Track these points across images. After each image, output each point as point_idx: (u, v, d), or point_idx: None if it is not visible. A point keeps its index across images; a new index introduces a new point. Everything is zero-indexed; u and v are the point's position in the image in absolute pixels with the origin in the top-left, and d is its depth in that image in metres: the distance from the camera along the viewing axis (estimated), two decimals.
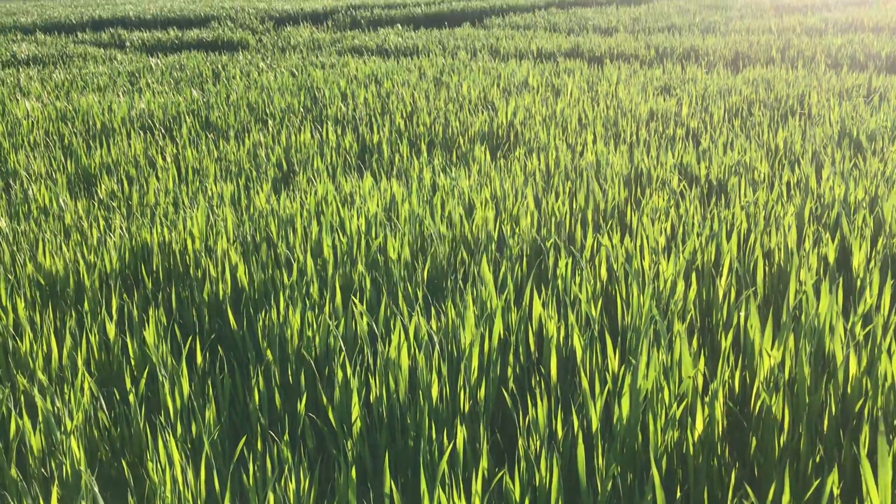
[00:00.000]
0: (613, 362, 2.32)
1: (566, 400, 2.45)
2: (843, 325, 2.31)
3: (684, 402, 2.09)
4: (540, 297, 2.85)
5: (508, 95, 6.90)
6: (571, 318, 2.49)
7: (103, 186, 4.58)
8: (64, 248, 3.39)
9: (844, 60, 8.50)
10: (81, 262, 3.23)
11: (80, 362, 2.50)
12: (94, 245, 3.52)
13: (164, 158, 5.23)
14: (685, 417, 2.10)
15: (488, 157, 4.98)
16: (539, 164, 4.60)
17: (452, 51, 10.61)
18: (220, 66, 9.72)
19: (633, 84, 7.25)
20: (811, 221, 3.46)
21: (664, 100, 6.46)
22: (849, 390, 2.16)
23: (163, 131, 6.09)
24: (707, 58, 9.12)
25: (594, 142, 5.26)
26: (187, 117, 6.38)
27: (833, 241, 3.13)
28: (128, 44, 13.46)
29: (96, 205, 4.31)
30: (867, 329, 2.39)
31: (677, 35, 11.08)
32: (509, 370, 2.48)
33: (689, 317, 2.62)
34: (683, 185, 4.08)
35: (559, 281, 2.86)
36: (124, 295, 3.10)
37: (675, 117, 5.84)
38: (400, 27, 14.20)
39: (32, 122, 6.27)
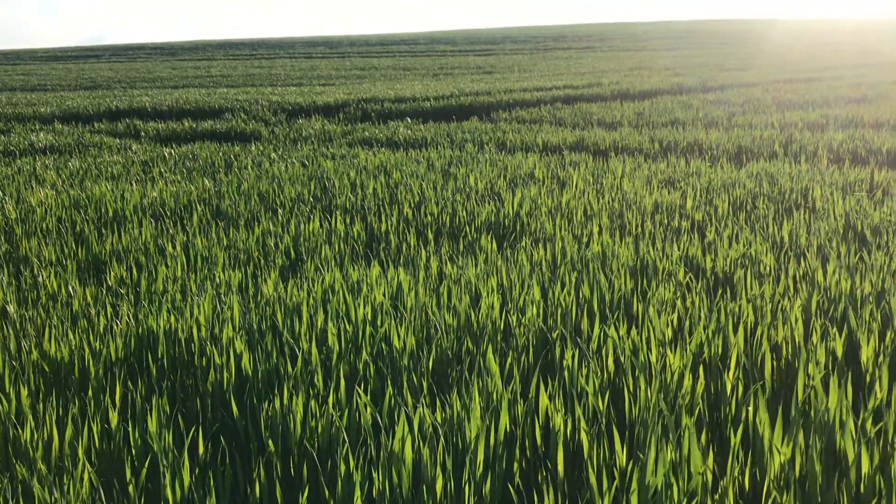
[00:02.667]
0: (621, 457, 2.28)
1: (573, 496, 2.40)
2: (853, 421, 2.28)
3: (694, 500, 2.05)
4: (546, 389, 2.83)
5: (515, 187, 7.00)
6: (578, 410, 2.47)
7: (112, 273, 4.62)
8: (70, 335, 3.40)
9: (846, 155, 8.63)
10: (87, 349, 3.23)
11: (80, 452, 2.48)
12: (100, 332, 3.53)
13: (173, 246, 5.29)
14: None
15: (494, 246, 5.02)
16: (545, 255, 4.63)
17: (460, 143, 10.82)
18: (232, 156, 9.92)
19: (638, 177, 7.36)
20: (818, 315, 3.45)
21: (669, 192, 6.54)
22: (862, 489, 2.12)
23: (174, 219, 6.18)
24: (711, 151, 9.27)
25: (600, 233, 5.30)
26: (198, 206, 6.48)
27: (840, 336, 3.11)
28: (143, 134, 13.77)
29: (104, 292, 4.33)
30: (878, 426, 2.35)
31: (681, 129, 11.29)
32: (515, 465, 2.44)
33: (697, 410, 2.59)
34: (689, 278, 4.09)
35: (566, 372, 2.84)
36: (128, 383, 3.09)
37: (680, 210, 5.90)
38: (409, 120, 14.53)
39: (46, 210, 6.37)
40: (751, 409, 2.42)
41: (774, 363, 2.99)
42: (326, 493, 2.25)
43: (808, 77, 23.02)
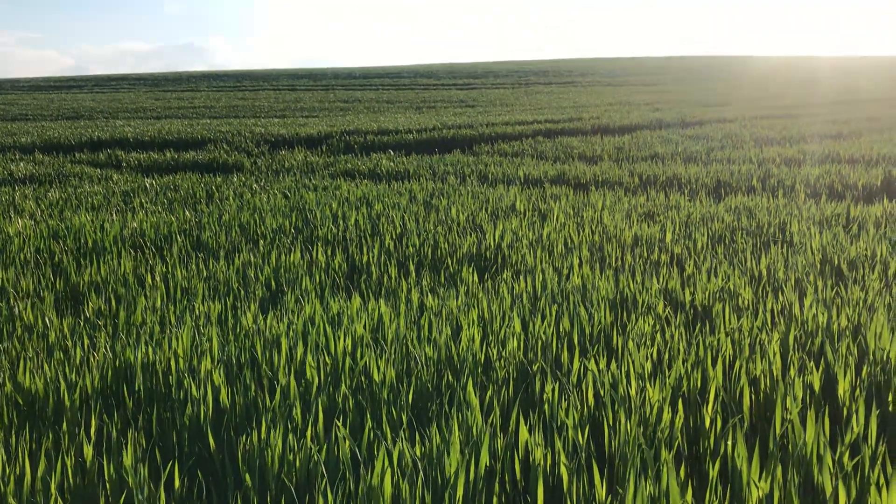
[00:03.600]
0: (601, 491, 2.27)
1: None
2: (830, 455, 2.29)
3: None
4: (527, 423, 2.82)
5: (496, 219, 7.03)
6: (558, 444, 2.46)
7: (90, 305, 4.58)
8: (46, 367, 3.35)
9: (823, 190, 8.75)
10: (62, 381, 3.19)
11: (53, 487, 2.43)
12: (76, 364, 3.49)
13: (153, 277, 5.25)
14: None
15: (476, 278, 5.03)
16: (526, 287, 4.64)
17: (442, 175, 10.88)
18: (214, 187, 9.90)
19: (618, 210, 7.42)
20: (796, 349, 3.48)
21: (648, 226, 6.60)
22: None
23: (153, 250, 6.15)
24: (690, 186, 9.37)
25: (580, 266, 5.33)
26: (179, 237, 6.45)
27: (818, 370, 3.14)
28: (124, 164, 13.73)
29: (82, 323, 4.29)
30: (855, 460, 2.36)
31: (660, 164, 11.42)
32: (495, 499, 2.42)
33: (676, 444, 2.59)
34: (668, 311, 4.12)
35: (546, 406, 2.83)
36: (104, 416, 3.05)
37: (660, 243, 5.94)
38: (392, 152, 14.60)
39: (24, 240, 6.32)
40: (729, 443, 2.42)
41: (753, 397, 3.00)
42: None
43: (785, 113, 23.39)
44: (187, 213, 7.56)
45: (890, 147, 12.34)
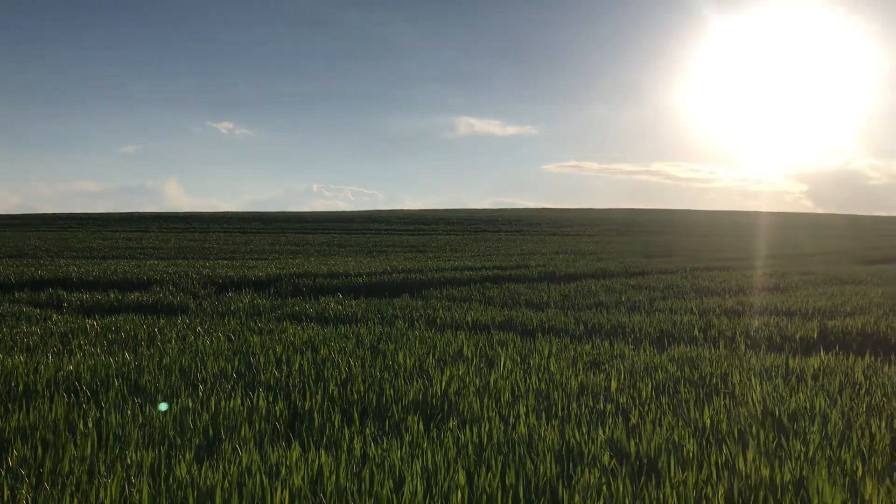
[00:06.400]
0: None
1: None
2: None
3: None
4: None
5: (444, 365, 7.00)
6: None
7: (15, 453, 4.35)
8: None
9: (762, 341, 8.96)
10: None
11: None
12: None
13: (85, 423, 5.05)
14: None
15: (421, 427, 4.94)
16: (472, 437, 4.58)
17: (390, 319, 10.88)
18: (157, 329, 9.72)
19: (564, 358, 7.46)
20: (741, 503, 3.45)
21: (594, 374, 6.63)
22: None
23: (88, 394, 5.93)
24: (634, 334, 9.51)
25: (526, 415, 5.29)
26: (116, 380, 6.26)
27: None
28: (66, 304, 13.44)
29: (3, 473, 4.06)
30: None
31: (605, 312, 11.62)
32: None
33: None
34: (614, 463, 4.08)
35: None
36: None
37: (605, 392, 5.96)
38: (341, 296, 14.61)
39: None
40: None
41: None
42: None
43: (724, 265, 24.23)
44: (127, 355, 7.37)
45: (824, 301, 12.80)
